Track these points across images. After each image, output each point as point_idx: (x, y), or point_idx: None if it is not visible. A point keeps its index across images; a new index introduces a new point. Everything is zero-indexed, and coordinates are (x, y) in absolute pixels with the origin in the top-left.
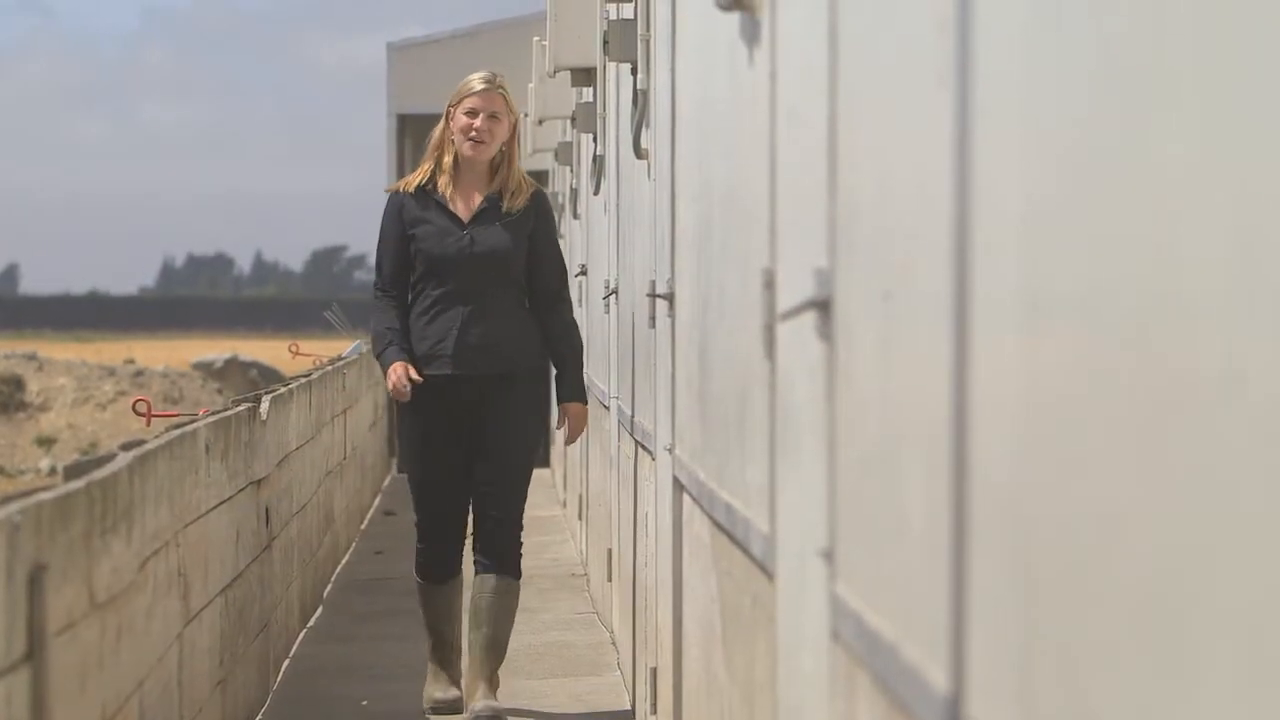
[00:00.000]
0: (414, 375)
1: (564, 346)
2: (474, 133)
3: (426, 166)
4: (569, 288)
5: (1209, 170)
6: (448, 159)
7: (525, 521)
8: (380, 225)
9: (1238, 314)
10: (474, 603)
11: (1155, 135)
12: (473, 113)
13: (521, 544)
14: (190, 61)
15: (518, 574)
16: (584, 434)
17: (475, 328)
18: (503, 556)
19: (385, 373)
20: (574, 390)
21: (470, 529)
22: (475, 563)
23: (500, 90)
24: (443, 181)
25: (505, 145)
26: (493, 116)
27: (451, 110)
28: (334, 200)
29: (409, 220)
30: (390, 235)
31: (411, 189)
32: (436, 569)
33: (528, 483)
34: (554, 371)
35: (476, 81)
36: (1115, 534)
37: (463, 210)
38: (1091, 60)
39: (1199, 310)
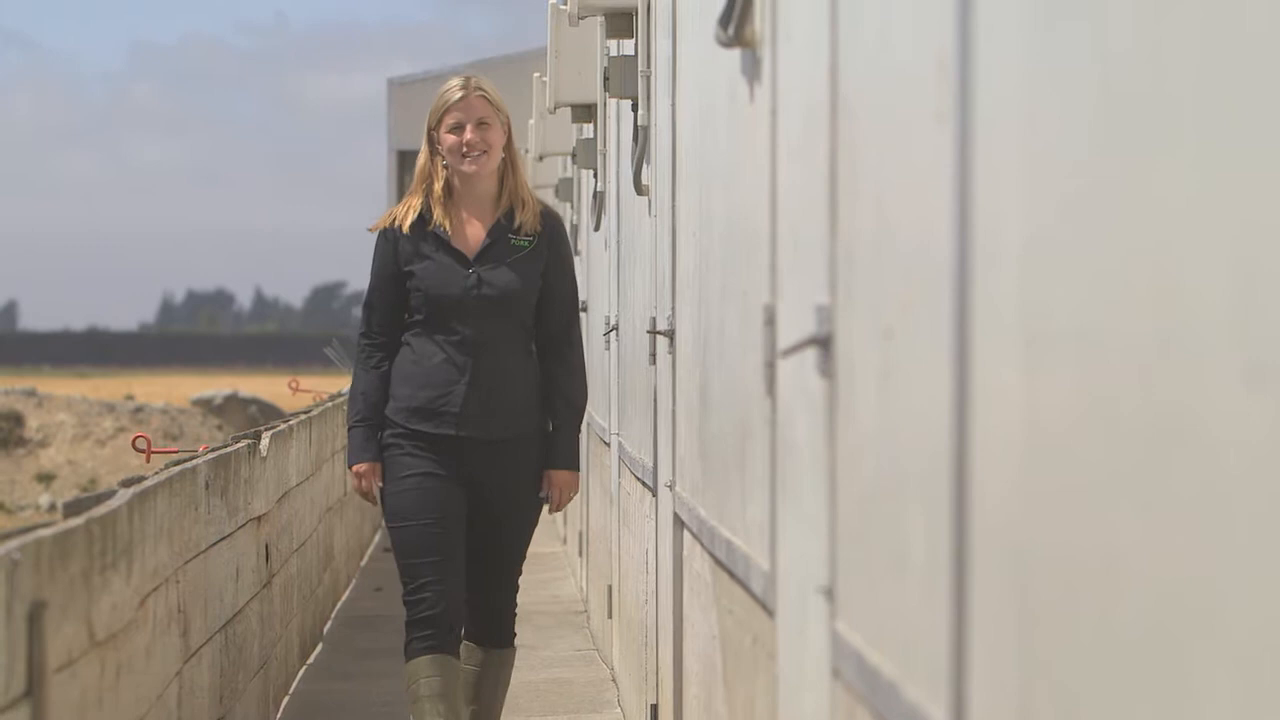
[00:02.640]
0: (377, 490)
1: (562, 402)
2: (467, 148)
3: (415, 201)
4: (579, 326)
5: (1209, 205)
6: (439, 187)
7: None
8: (372, 264)
9: (1238, 348)
10: (463, 675)
11: (1155, 170)
12: (459, 127)
13: (516, 605)
14: (180, 98)
15: (511, 640)
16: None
17: (483, 383)
18: (497, 629)
19: (350, 456)
20: (566, 457)
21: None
22: (464, 633)
23: (480, 92)
24: (439, 214)
25: (504, 151)
26: (482, 124)
27: (434, 133)
28: (334, 236)
29: (405, 256)
30: (383, 274)
31: (405, 224)
32: (433, 641)
33: (526, 551)
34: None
35: (453, 90)
36: (1115, 570)
37: (466, 244)
38: (1091, 96)
39: (1199, 345)
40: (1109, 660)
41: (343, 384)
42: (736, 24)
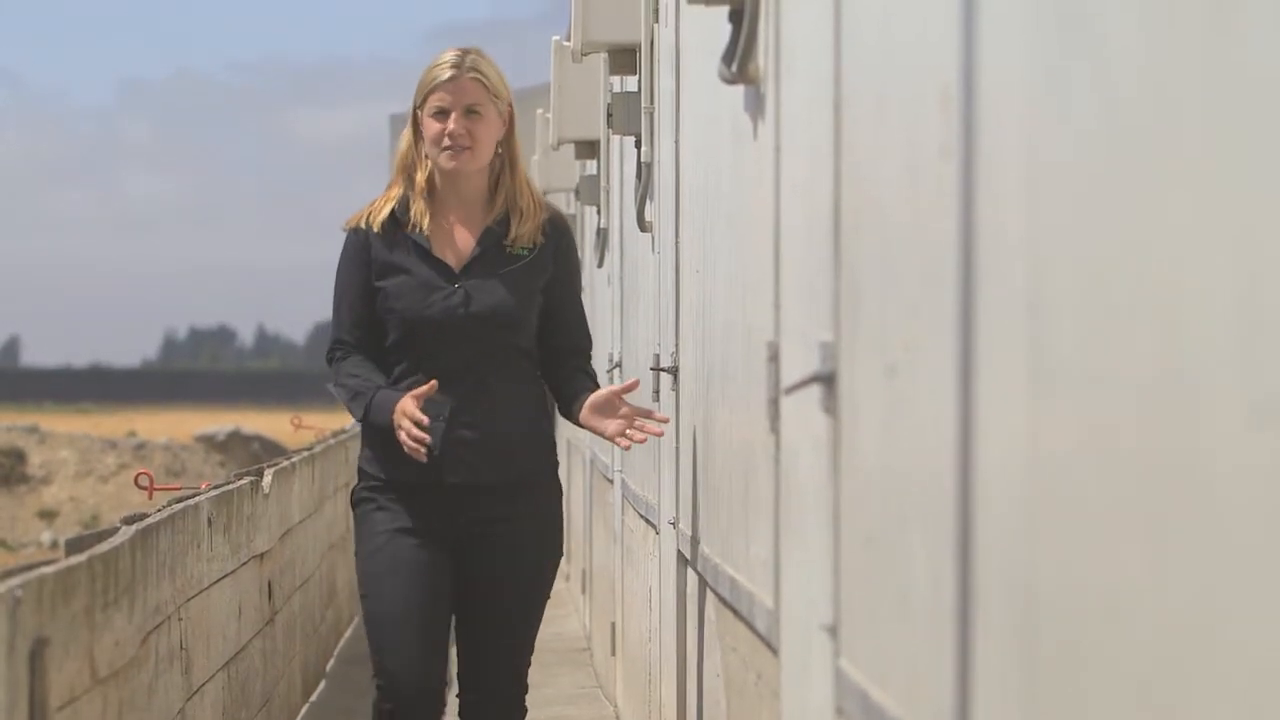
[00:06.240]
0: (419, 418)
1: (585, 378)
2: (448, 139)
3: (395, 191)
4: (592, 349)
5: (1214, 239)
6: (420, 177)
7: None
8: (336, 273)
9: (1242, 382)
10: None
11: (1160, 207)
12: (442, 113)
13: (525, 704)
14: (173, 134)
15: None
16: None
17: (470, 419)
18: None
19: (390, 422)
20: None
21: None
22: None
23: (474, 74)
24: (418, 210)
25: (501, 146)
26: (471, 112)
27: (419, 114)
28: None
29: (377, 267)
30: (350, 285)
31: (378, 224)
32: None
33: (537, 630)
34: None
35: (444, 68)
36: (1120, 607)
37: (452, 254)
38: (1096, 131)
39: (1204, 380)
40: (1114, 698)
41: (345, 421)
42: (740, 60)
